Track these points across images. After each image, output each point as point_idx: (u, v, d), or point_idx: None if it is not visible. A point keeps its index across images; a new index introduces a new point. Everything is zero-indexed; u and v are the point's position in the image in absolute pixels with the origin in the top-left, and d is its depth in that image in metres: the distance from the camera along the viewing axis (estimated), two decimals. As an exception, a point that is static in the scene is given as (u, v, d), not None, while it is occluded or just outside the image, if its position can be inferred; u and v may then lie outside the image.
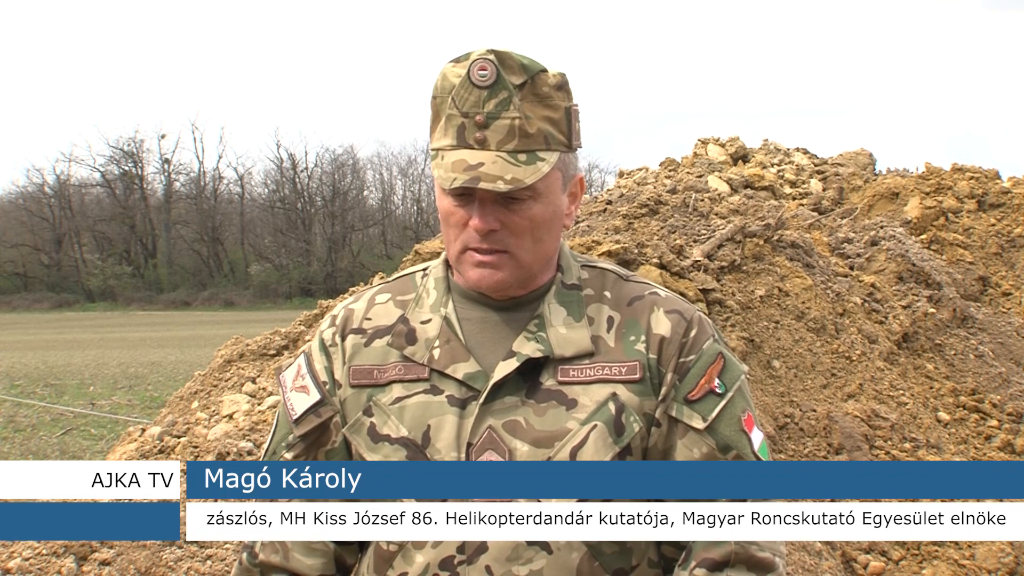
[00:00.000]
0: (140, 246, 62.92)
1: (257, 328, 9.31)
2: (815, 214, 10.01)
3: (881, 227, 9.07)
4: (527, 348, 1.93)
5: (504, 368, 1.93)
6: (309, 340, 6.85)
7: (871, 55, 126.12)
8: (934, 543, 5.82)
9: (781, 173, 11.91)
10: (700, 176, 11.19)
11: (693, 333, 1.97)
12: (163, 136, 76.13)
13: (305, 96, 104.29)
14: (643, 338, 1.96)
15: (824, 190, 11.34)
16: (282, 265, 60.23)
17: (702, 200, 7.80)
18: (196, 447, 5.44)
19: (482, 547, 1.89)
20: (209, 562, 4.51)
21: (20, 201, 63.79)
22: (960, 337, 8.02)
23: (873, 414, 6.48)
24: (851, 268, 8.28)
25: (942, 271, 8.85)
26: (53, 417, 16.21)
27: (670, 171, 12.02)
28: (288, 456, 2.03)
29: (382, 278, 8.36)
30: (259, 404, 5.86)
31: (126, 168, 63.71)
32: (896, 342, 7.50)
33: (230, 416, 5.78)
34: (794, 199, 11.10)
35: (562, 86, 1.93)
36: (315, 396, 2.03)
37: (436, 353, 1.96)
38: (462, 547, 1.90)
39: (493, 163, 1.87)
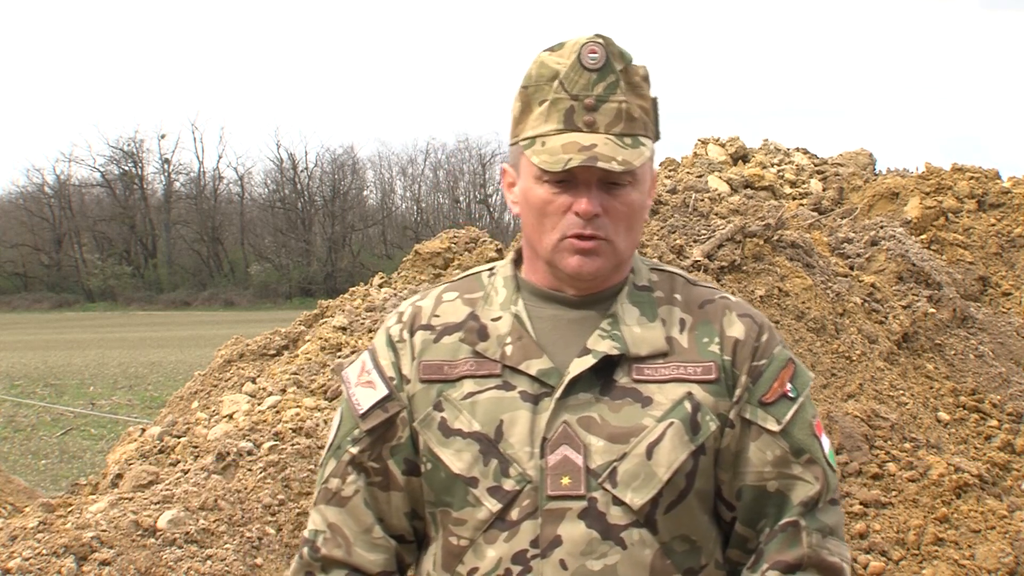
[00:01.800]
0: (140, 246, 62.92)
1: (257, 328, 9.31)
2: (815, 214, 10.01)
3: (881, 227, 9.07)
4: (603, 346, 1.94)
5: (580, 364, 1.92)
6: (309, 340, 6.85)
7: (871, 55, 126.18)
8: (934, 543, 5.82)
9: (781, 173, 11.91)
10: (700, 176, 11.19)
11: (765, 338, 1.99)
12: (163, 136, 76.03)
13: (305, 96, 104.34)
14: (717, 340, 1.97)
15: (824, 190, 11.33)
16: (282, 265, 60.23)
17: (702, 200, 7.80)
18: (196, 447, 5.44)
19: (556, 541, 1.89)
20: (209, 562, 4.51)
21: (20, 201, 63.81)
22: (960, 337, 8.02)
23: (873, 414, 6.48)
24: (851, 268, 8.28)
25: (942, 271, 8.85)
26: (53, 417, 16.22)
27: (670, 171, 12.02)
28: (353, 450, 2.03)
29: (382, 278, 8.35)
30: (259, 404, 5.86)
31: (126, 168, 63.75)
32: (896, 342, 7.50)
33: (230, 416, 5.78)
34: (794, 199, 11.10)
35: (647, 77, 1.96)
36: (382, 391, 2.02)
37: (508, 349, 1.96)
38: (535, 541, 1.90)
39: (605, 144, 1.88)
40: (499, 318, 2.00)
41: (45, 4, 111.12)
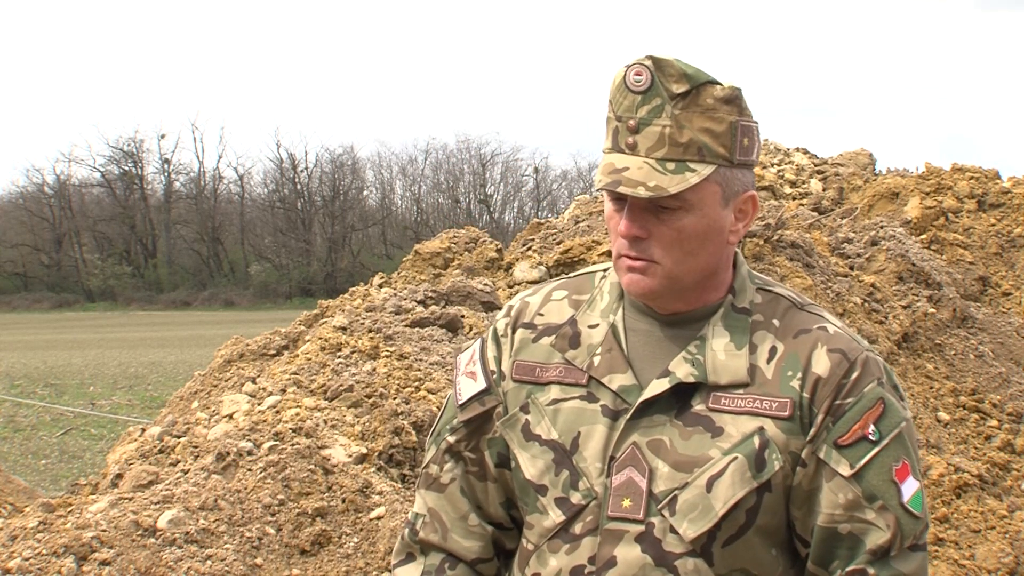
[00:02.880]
0: (140, 246, 62.93)
1: (257, 328, 9.31)
2: (815, 214, 10.01)
3: (881, 227, 9.07)
4: (682, 371, 1.92)
5: (656, 387, 1.91)
6: (309, 340, 6.86)
7: (870, 55, 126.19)
8: (934, 543, 5.82)
9: (781, 173, 11.91)
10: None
11: (855, 376, 1.91)
12: (163, 136, 76.10)
13: (305, 96, 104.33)
14: (799, 375, 1.91)
15: (824, 190, 11.34)
16: (282, 265, 60.24)
17: (702, 200, 7.79)
18: (196, 447, 5.44)
19: (611, 561, 1.89)
20: (209, 562, 4.51)
21: (20, 201, 63.82)
22: (960, 337, 8.02)
23: (873, 414, 6.48)
24: (851, 268, 8.28)
25: (942, 271, 8.85)
26: (53, 417, 16.22)
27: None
28: (451, 439, 2.06)
29: (382, 278, 8.35)
30: (259, 404, 5.86)
31: (126, 168, 63.76)
32: (896, 342, 7.51)
33: (230, 416, 5.78)
34: (794, 199, 11.10)
35: (731, 100, 1.90)
36: (481, 384, 2.04)
37: (596, 360, 1.96)
38: (593, 558, 1.90)
39: (639, 168, 1.86)
40: (596, 325, 2.00)
41: (45, 4, 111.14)
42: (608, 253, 6.25)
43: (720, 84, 1.91)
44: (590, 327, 2.00)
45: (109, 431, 14.57)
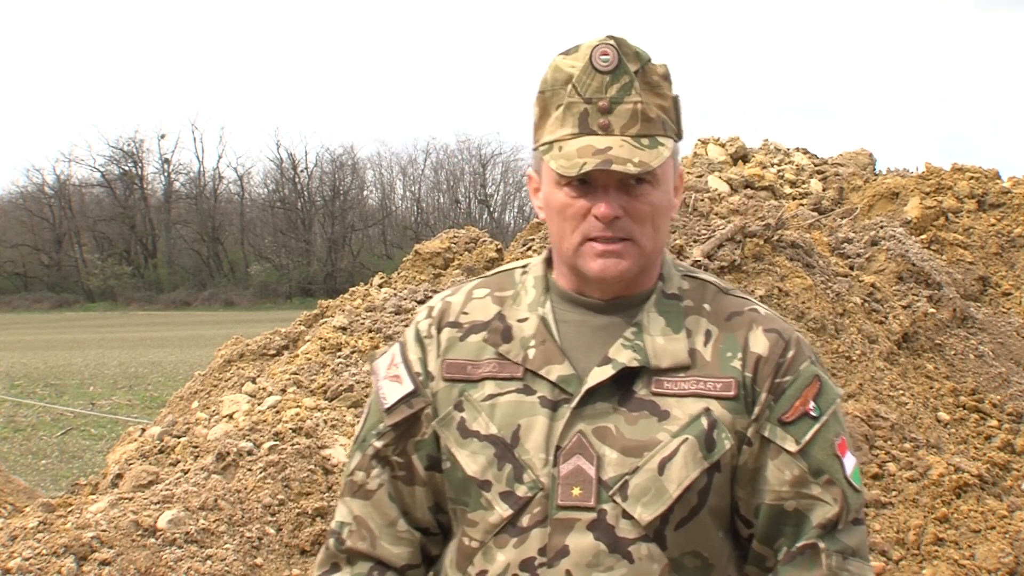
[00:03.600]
0: (140, 246, 62.92)
1: (257, 328, 9.31)
2: (815, 214, 10.01)
3: (881, 227, 9.07)
4: (623, 356, 1.92)
5: (599, 374, 1.91)
6: (309, 340, 6.86)
7: (870, 55, 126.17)
8: (934, 543, 5.82)
9: (781, 173, 11.91)
10: (700, 176, 11.19)
11: (791, 354, 1.95)
12: (163, 136, 76.04)
13: (305, 96, 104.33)
14: (740, 355, 1.93)
15: (824, 190, 11.34)
16: (282, 265, 60.22)
17: (702, 200, 7.80)
18: (196, 447, 5.44)
19: (563, 551, 1.88)
20: (209, 562, 4.51)
21: (20, 201, 63.80)
22: (960, 337, 8.02)
23: (873, 414, 6.48)
24: (851, 268, 8.28)
25: (942, 271, 8.85)
26: (53, 417, 16.22)
27: (670, 171, 12.01)
28: (378, 444, 2.03)
29: (382, 278, 8.35)
30: (259, 404, 5.86)
31: (126, 168, 63.74)
32: (896, 342, 7.50)
33: (230, 416, 5.78)
34: (794, 199, 11.10)
35: (667, 76, 1.94)
36: (408, 386, 2.02)
37: (531, 353, 1.95)
38: (543, 549, 1.89)
39: (620, 147, 1.86)
40: (526, 319, 1.99)
41: (45, 4, 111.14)
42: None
43: (654, 61, 1.94)
44: (520, 321, 1.98)
45: (109, 431, 14.57)
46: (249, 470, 5.02)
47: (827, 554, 1.90)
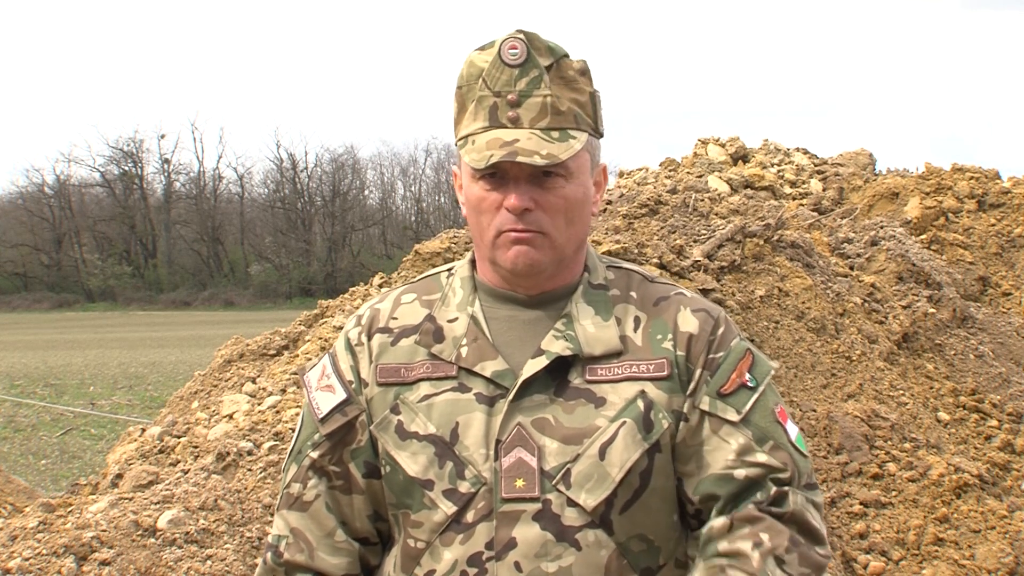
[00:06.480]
0: (140, 246, 62.93)
1: (257, 328, 9.31)
2: (815, 214, 10.01)
3: (881, 227, 9.07)
4: (556, 346, 1.94)
5: (533, 366, 1.93)
6: (309, 340, 6.85)
7: (870, 56, 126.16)
8: (934, 543, 5.82)
9: (781, 173, 11.91)
10: (700, 176, 11.19)
11: (721, 331, 1.98)
12: (163, 136, 76.34)
13: (305, 96, 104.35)
14: (670, 336, 1.96)
15: (824, 190, 11.34)
16: (282, 265, 60.23)
17: (702, 200, 7.80)
18: (196, 447, 5.44)
19: (511, 543, 1.89)
20: (209, 562, 4.51)
21: (20, 201, 63.83)
22: (960, 337, 8.02)
23: (873, 414, 6.48)
24: (851, 268, 8.28)
25: (942, 271, 8.85)
26: (53, 417, 16.22)
27: (670, 171, 12.02)
28: (314, 455, 2.03)
29: (382, 278, 8.36)
30: (259, 404, 5.86)
31: (126, 168, 63.78)
32: (896, 342, 7.50)
33: (230, 416, 5.78)
34: (794, 199, 11.10)
35: (585, 71, 1.96)
36: (341, 395, 2.03)
37: (464, 351, 1.96)
38: (490, 543, 1.90)
39: (528, 139, 1.88)
40: (455, 319, 2.00)
41: (45, 4, 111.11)
42: (608, 253, 6.25)
43: (571, 57, 1.95)
44: (450, 321, 2.00)
45: (109, 431, 14.57)
46: (249, 470, 5.02)
47: (794, 493, 1.91)
